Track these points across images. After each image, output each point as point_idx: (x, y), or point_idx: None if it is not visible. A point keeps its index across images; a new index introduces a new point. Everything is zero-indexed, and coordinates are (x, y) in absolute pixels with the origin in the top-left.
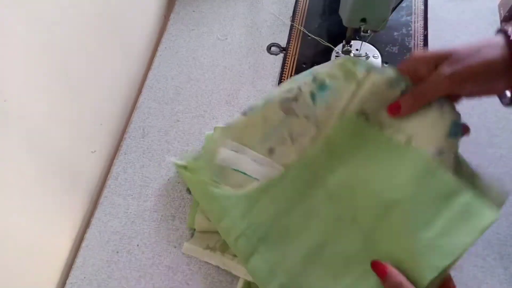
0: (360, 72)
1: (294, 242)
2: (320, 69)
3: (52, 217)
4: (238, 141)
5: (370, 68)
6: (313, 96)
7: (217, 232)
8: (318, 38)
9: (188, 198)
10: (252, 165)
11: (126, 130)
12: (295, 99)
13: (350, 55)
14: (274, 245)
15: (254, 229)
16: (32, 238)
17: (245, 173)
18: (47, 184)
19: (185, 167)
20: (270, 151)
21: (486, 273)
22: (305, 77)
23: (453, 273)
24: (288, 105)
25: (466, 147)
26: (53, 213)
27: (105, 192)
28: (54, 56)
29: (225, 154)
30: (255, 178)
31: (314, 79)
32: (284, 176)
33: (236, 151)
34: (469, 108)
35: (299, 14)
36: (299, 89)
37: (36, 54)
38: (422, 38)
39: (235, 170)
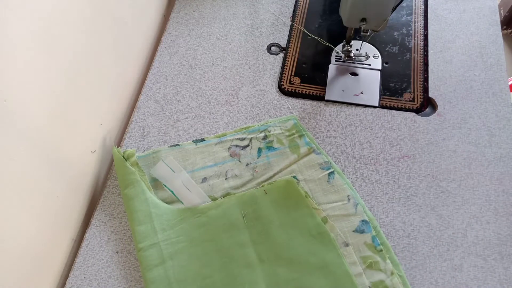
0: (303, 148)
1: (198, 272)
2: (273, 129)
3: (52, 216)
4: (179, 162)
5: (312, 147)
6: (259, 151)
7: None
8: (318, 38)
9: None
10: (181, 187)
11: (126, 130)
12: (244, 148)
13: (350, 55)
14: (180, 266)
15: (169, 244)
16: (32, 237)
17: (172, 192)
18: (47, 184)
19: (123, 157)
20: (204, 180)
21: (487, 273)
22: (259, 131)
23: (453, 273)
24: (235, 151)
25: (466, 147)
26: (53, 213)
27: (105, 192)
28: (54, 57)
29: (162, 169)
30: (180, 201)
31: (265, 138)
32: (205, 212)
33: (172, 170)
34: (470, 108)
35: (299, 14)
36: (250, 141)
37: (36, 54)
38: (422, 38)
39: (165, 186)
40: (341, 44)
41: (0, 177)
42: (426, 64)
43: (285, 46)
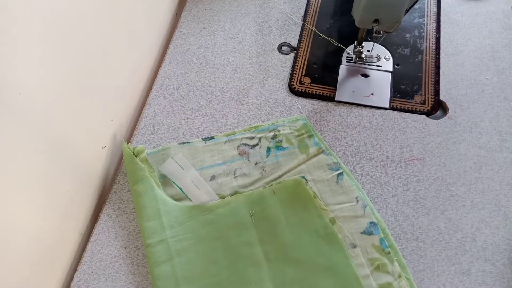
0: (313, 149)
1: (205, 269)
2: (282, 129)
3: (61, 210)
4: (188, 159)
5: (321, 148)
6: (268, 150)
7: None
8: (329, 38)
9: None
10: (190, 185)
11: (136, 126)
12: (253, 147)
13: (361, 56)
14: (187, 263)
15: (177, 241)
16: (41, 231)
17: (181, 189)
18: (57, 178)
19: (133, 153)
20: (212, 178)
21: (495, 278)
22: (268, 131)
23: (461, 277)
24: (244, 150)
25: (476, 151)
26: (63, 207)
27: (114, 187)
28: (66, 52)
29: (171, 165)
30: (188, 198)
31: (274, 137)
32: (213, 210)
33: (181, 167)
34: (481, 112)
35: (311, 14)
36: (259, 140)
37: (49, 50)
38: (434, 40)
39: (173, 182)
40: (353, 45)
41: (12, 170)
42: (437, 67)
43: (296, 46)
